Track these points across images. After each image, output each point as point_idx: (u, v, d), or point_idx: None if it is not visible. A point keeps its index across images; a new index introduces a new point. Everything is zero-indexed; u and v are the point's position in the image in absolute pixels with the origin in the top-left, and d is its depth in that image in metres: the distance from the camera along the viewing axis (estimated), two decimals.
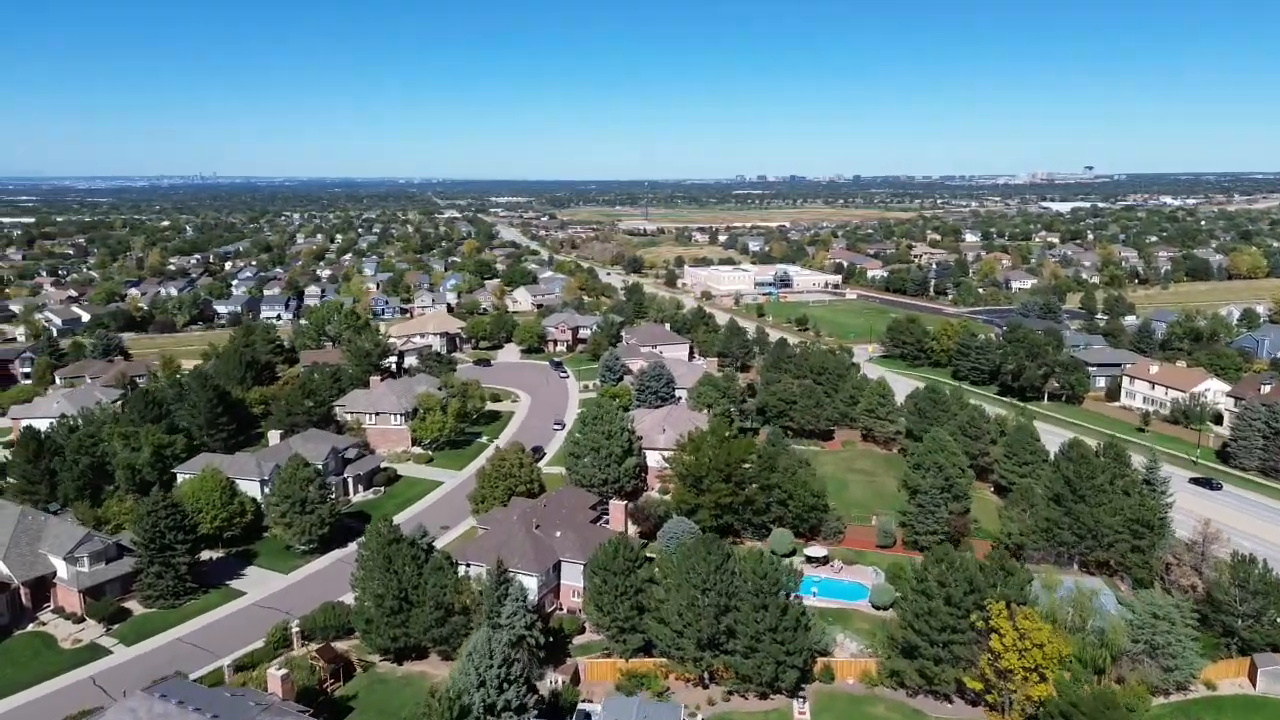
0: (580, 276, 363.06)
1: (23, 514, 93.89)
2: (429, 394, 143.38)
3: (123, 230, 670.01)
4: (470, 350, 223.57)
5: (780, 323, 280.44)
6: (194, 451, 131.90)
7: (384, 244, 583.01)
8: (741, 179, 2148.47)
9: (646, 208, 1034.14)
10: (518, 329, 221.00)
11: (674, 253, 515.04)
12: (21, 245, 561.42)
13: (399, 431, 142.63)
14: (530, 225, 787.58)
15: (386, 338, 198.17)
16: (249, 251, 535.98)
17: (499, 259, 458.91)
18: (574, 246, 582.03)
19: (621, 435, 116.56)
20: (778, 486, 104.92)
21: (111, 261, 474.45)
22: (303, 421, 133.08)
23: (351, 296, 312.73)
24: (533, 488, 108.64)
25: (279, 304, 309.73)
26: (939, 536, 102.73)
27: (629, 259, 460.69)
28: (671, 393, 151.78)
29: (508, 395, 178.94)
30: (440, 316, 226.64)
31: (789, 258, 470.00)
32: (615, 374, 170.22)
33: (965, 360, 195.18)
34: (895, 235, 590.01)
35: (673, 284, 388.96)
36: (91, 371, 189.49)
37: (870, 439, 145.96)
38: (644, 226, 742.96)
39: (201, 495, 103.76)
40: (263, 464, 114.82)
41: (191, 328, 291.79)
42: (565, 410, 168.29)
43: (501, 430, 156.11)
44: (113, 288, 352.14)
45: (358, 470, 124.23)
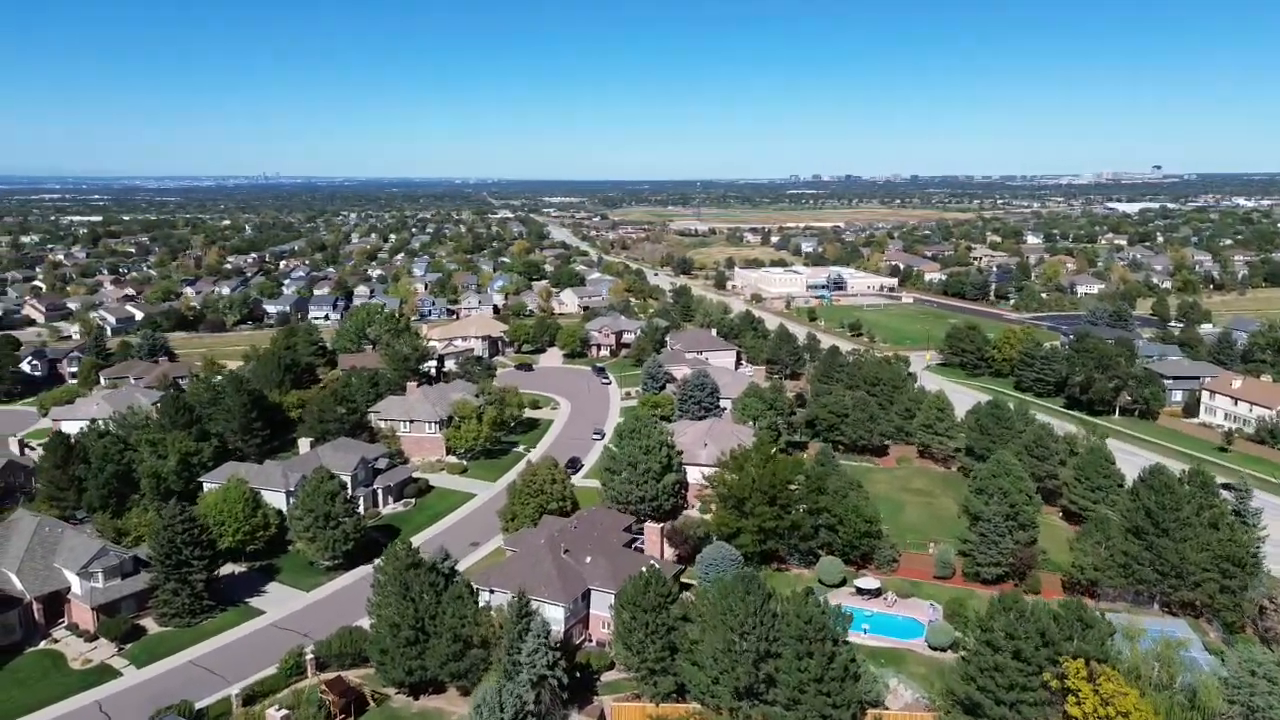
0: (628, 278, 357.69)
1: (40, 525, 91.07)
2: (465, 401, 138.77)
3: (184, 229, 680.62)
4: (512, 354, 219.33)
5: (832, 327, 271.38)
6: (223, 459, 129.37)
7: (436, 244, 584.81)
8: (796, 178, 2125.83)
9: (698, 208, 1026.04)
10: (560, 333, 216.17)
11: (725, 254, 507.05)
12: (86, 243, 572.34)
13: (433, 440, 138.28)
14: (581, 225, 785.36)
15: (426, 341, 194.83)
16: (303, 251, 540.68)
17: (548, 260, 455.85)
18: (624, 247, 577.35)
19: (660, 450, 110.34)
20: (827, 510, 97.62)
21: (171, 260, 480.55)
22: (335, 429, 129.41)
23: (399, 297, 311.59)
24: (565, 505, 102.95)
25: (327, 304, 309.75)
26: (1002, 569, 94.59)
27: (678, 260, 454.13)
28: (715, 403, 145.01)
29: (547, 402, 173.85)
30: (482, 319, 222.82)
31: (843, 259, 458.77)
32: (657, 382, 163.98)
33: (1029, 370, 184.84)
34: (953, 237, 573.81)
35: (722, 286, 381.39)
36: (135, 372, 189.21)
37: (927, 456, 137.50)
38: (695, 227, 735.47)
39: (224, 507, 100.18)
40: (289, 474, 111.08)
41: (241, 327, 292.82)
42: (605, 419, 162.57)
43: (539, 439, 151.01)
44: (169, 286, 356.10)
45: (388, 481, 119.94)
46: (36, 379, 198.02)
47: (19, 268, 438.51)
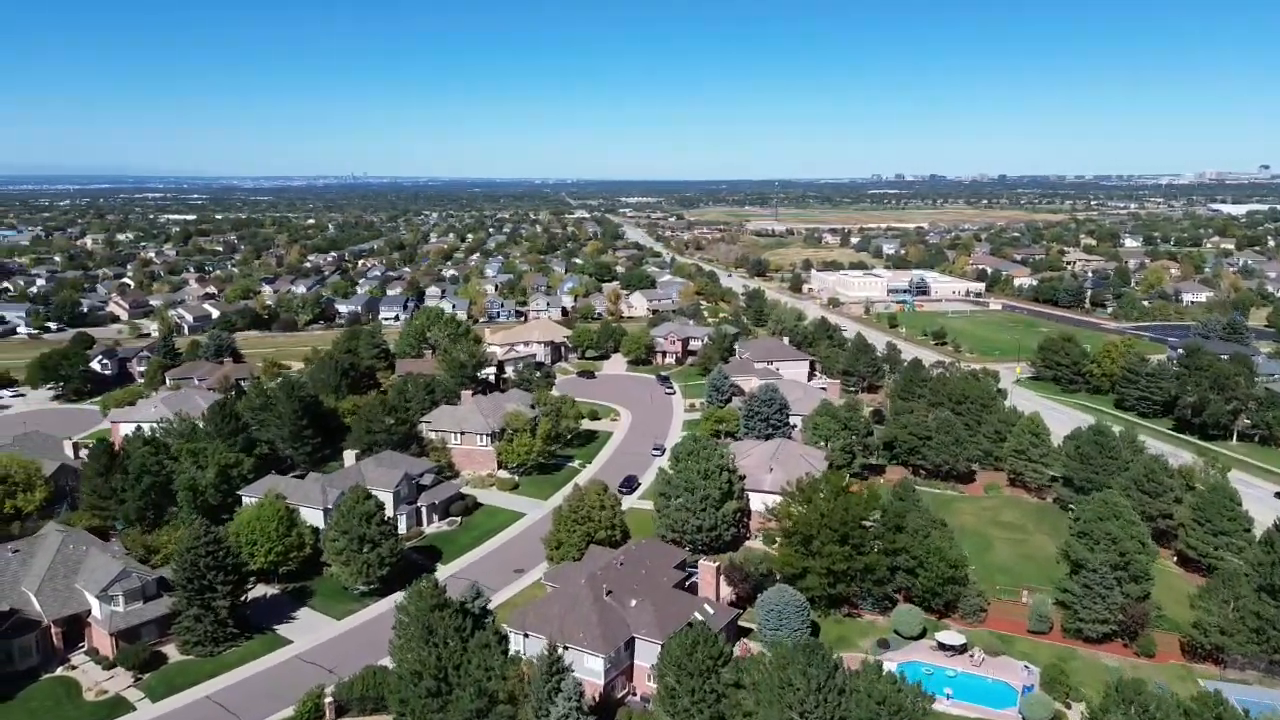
0: (699, 281, 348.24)
1: (64, 542, 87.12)
2: (517, 413, 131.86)
3: (271, 228, 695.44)
4: (575, 360, 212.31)
5: (914, 335, 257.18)
6: (274, 467, 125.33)
7: (511, 244, 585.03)
8: (878, 178, 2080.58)
9: (776, 208, 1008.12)
10: (625, 339, 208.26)
11: (802, 255, 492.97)
12: (178, 242, 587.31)
13: (484, 453, 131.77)
14: (656, 226, 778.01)
15: (486, 347, 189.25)
16: (381, 250, 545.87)
17: (620, 261, 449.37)
18: (699, 248, 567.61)
19: (721, 475, 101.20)
20: (905, 551, 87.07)
21: (255, 258, 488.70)
22: (383, 441, 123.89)
23: (467, 299, 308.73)
24: (614, 534, 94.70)
25: (397, 304, 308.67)
26: (1110, 626, 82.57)
27: (753, 261, 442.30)
28: (784, 420, 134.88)
29: (607, 412, 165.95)
30: (545, 324, 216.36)
31: (926, 262, 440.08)
32: (723, 394, 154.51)
33: (1133, 388, 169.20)
34: (1044, 239, 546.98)
35: (798, 289, 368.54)
36: (199, 373, 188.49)
37: (1019, 484, 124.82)
38: (772, 227, 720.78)
39: (257, 526, 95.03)
40: (328, 490, 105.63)
41: (313, 327, 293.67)
42: (667, 433, 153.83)
43: (596, 453, 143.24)
44: (248, 285, 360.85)
45: (433, 498, 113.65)
46: (106, 378, 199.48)
47: (111, 265, 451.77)
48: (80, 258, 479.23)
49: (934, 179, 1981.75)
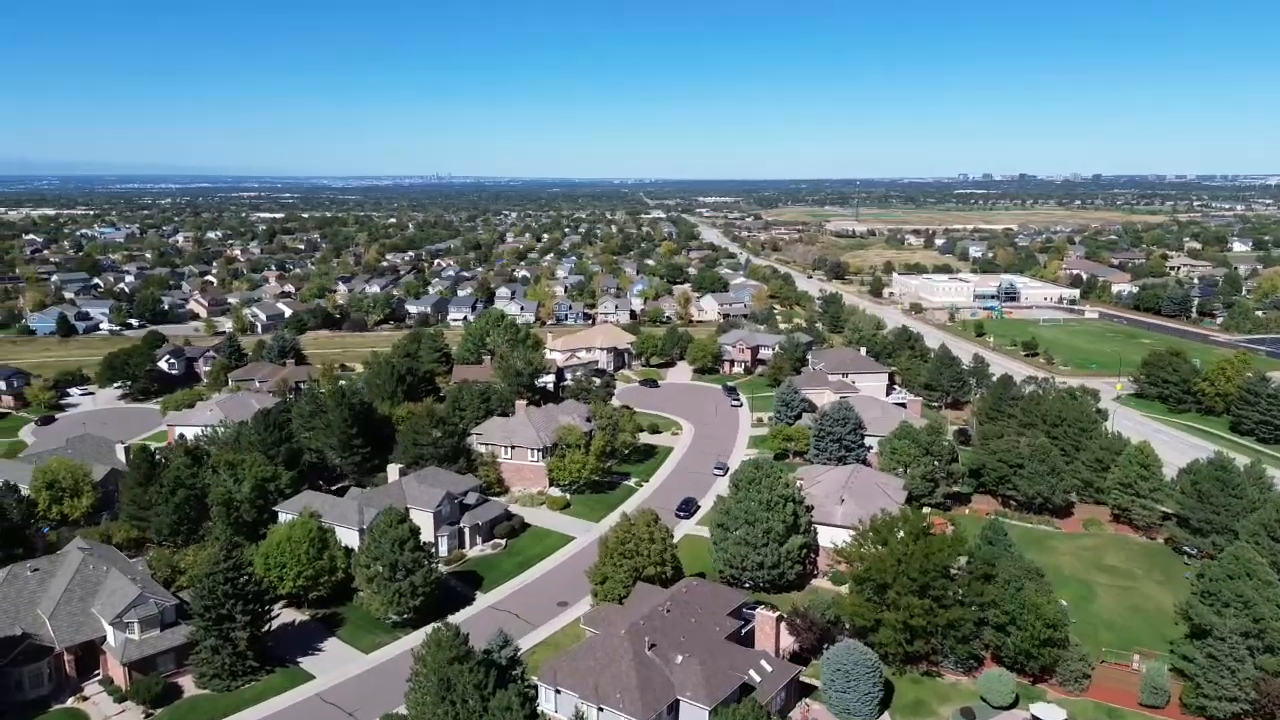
0: (774, 283, 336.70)
1: (84, 562, 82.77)
2: (571, 427, 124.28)
3: (352, 227, 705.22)
4: (638, 368, 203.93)
5: (1003, 345, 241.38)
6: (311, 482, 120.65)
7: (586, 244, 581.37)
8: (964, 177, 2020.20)
9: (857, 208, 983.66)
10: (691, 346, 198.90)
11: (883, 257, 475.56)
12: (264, 240, 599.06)
13: (535, 469, 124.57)
14: (733, 226, 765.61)
15: (548, 352, 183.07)
16: (457, 250, 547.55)
17: (693, 262, 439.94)
18: (775, 249, 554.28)
19: (785, 506, 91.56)
20: (996, 605, 76.10)
21: (334, 257, 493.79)
22: (429, 454, 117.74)
23: (536, 300, 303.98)
24: (664, 571, 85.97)
25: (466, 306, 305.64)
26: (1241, 705, 70.26)
27: (831, 264, 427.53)
28: (859, 442, 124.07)
29: (669, 425, 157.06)
30: (609, 329, 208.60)
31: (1016, 266, 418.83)
32: (792, 410, 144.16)
33: (1252, 410, 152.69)
34: (1144, 243, 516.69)
35: (878, 293, 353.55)
36: (261, 375, 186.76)
37: (1124, 521, 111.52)
38: (852, 228, 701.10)
39: (287, 547, 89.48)
40: (365, 510, 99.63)
41: (382, 327, 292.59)
42: (731, 449, 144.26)
43: (654, 470, 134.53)
44: (323, 283, 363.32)
45: (477, 519, 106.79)
46: (174, 377, 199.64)
47: (198, 262, 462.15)
48: (170, 255, 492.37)
49: (1023, 179, 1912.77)
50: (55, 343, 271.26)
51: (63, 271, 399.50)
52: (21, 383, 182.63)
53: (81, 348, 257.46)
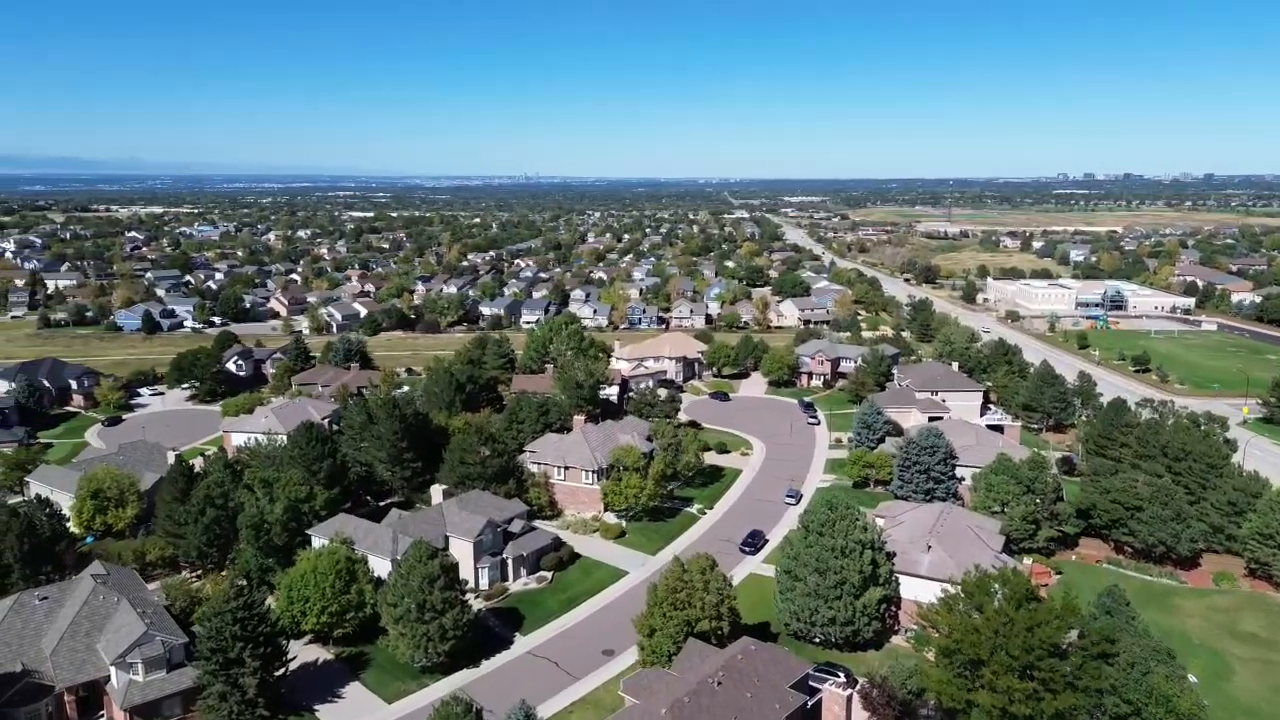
0: (859, 288, 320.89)
1: (94, 592, 77.21)
2: (628, 448, 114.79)
3: (437, 226, 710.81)
4: (709, 379, 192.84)
5: (1110, 359, 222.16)
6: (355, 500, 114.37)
7: (666, 245, 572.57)
8: (1064, 177, 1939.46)
9: (949, 208, 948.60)
10: (766, 357, 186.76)
11: (976, 260, 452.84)
12: (351, 239, 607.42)
13: (589, 492, 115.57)
14: (818, 226, 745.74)
15: (613, 360, 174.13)
16: (537, 250, 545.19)
17: (774, 264, 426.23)
18: (862, 250, 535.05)
19: (862, 554, 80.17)
20: (1115, 692, 63.48)
21: (417, 256, 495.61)
22: (476, 474, 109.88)
23: (609, 304, 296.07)
24: (720, 626, 75.65)
25: (539, 308, 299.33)
26: None
27: (921, 267, 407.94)
28: (949, 473, 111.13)
29: (738, 444, 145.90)
30: (679, 337, 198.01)
31: (1122, 272, 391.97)
32: (874, 433, 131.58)
33: None
34: (1264, 247, 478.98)
35: (971, 299, 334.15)
36: (324, 379, 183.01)
37: (1262, 576, 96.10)
38: (944, 229, 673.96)
39: (312, 579, 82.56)
40: (399, 538, 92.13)
41: (455, 329, 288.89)
42: (806, 474, 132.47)
43: (719, 496, 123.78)
44: (402, 283, 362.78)
45: (521, 549, 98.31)
46: (241, 379, 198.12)
47: (285, 261, 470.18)
48: (259, 253, 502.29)
49: (1128, 178, 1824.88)
50: (140, 340, 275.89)
51: (157, 269, 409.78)
52: (92, 382, 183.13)
53: (164, 345, 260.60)
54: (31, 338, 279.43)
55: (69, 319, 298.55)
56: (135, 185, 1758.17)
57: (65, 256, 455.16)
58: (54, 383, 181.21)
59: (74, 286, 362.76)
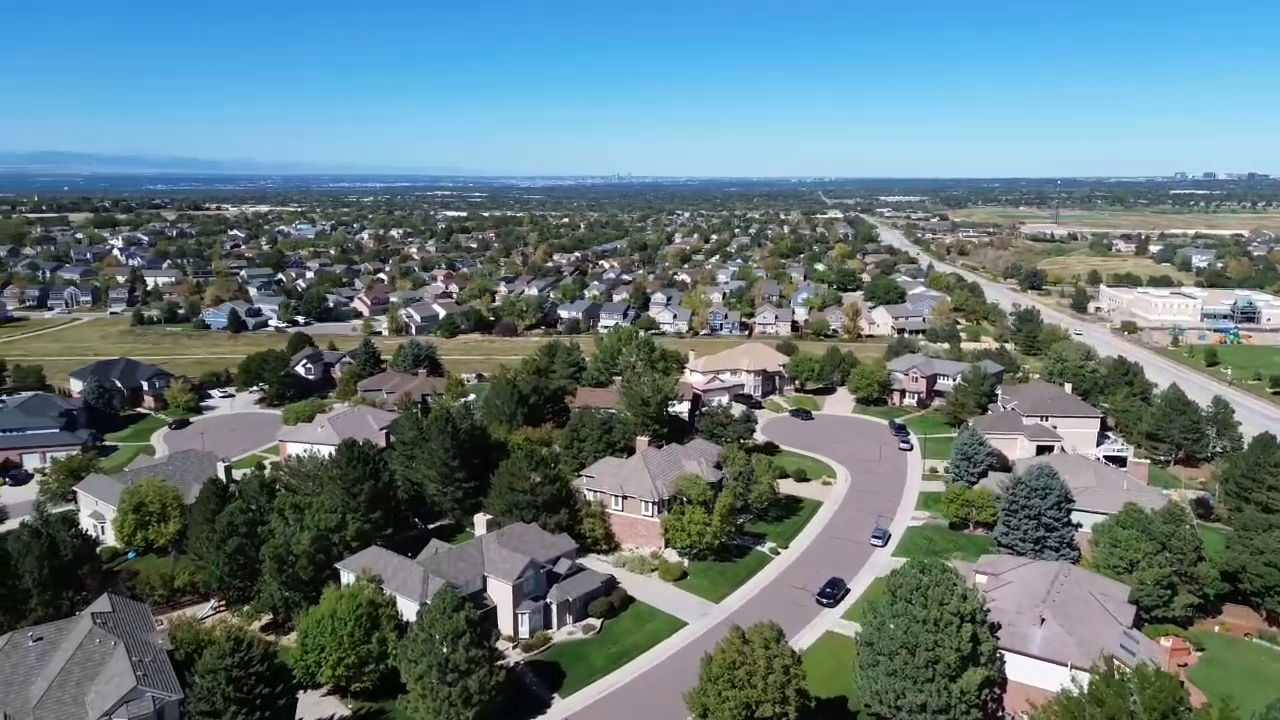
0: (958, 294, 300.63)
1: (90, 635, 70.17)
2: (693, 478, 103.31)
3: (526, 226, 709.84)
4: (790, 394, 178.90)
5: (1244, 379, 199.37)
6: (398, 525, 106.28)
7: (755, 246, 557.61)
8: (1182, 176, 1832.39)
9: (1056, 209, 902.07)
10: (855, 372, 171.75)
11: (1086, 265, 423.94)
12: (441, 238, 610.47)
13: (649, 525, 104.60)
14: (915, 227, 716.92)
15: (686, 374, 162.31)
16: (623, 251, 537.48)
17: (867, 268, 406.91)
18: (962, 253, 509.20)
19: (959, 629, 66.88)
20: None
21: (504, 256, 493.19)
22: (525, 503, 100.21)
23: (689, 308, 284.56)
24: (785, 712, 63.60)
25: (618, 312, 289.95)
26: None
27: (1026, 272, 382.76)
28: (1063, 520, 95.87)
29: (820, 471, 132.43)
30: (758, 348, 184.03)
31: (1252, 280, 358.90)
32: (975, 465, 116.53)
33: None
34: None
35: (1082, 308, 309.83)
36: (389, 385, 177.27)
37: None
38: (1051, 231, 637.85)
39: (329, 625, 74.13)
40: (430, 580, 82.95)
41: (532, 333, 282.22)
42: (896, 509, 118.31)
43: (795, 533, 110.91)
44: (485, 284, 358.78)
45: (568, 593, 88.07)
46: (310, 383, 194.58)
47: (375, 260, 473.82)
48: (351, 252, 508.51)
49: (1253, 178, 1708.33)
50: (225, 338, 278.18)
51: (251, 267, 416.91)
52: (163, 383, 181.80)
53: (247, 344, 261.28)
54: (124, 334, 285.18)
55: (161, 316, 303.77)
56: (248, 185, 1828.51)
57: (167, 254, 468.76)
58: (126, 383, 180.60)
59: (171, 284, 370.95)
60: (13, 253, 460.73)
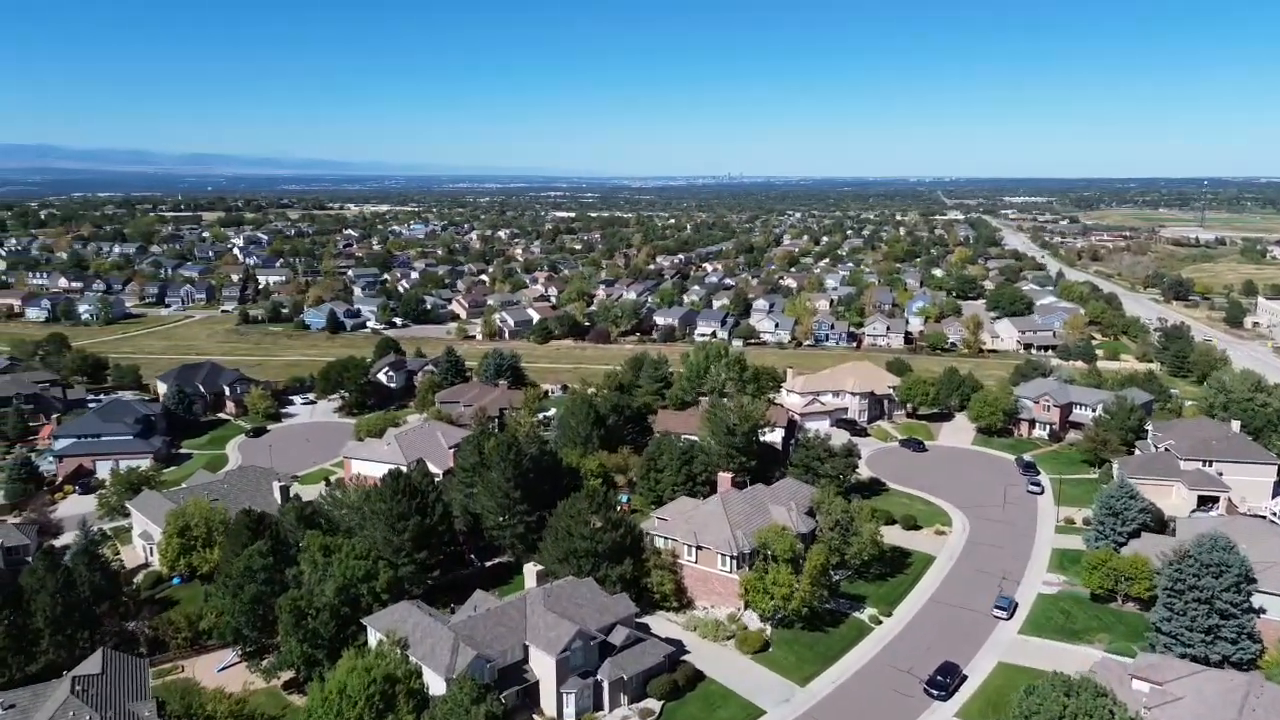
0: (1093, 307, 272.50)
1: (64, 708, 61.00)
2: (780, 531, 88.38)
3: (632, 228, 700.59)
4: (900, 420, 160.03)
5: None
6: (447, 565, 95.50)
7: (868, 249, 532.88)
8: None
9: (1203, 211, 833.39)
10: (976, 398, 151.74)
11: (1238, 274, 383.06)
12: (547, 240, 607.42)
13: (725, 582, 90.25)
14: (1042, 230, 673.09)
15: (783, 394, 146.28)
16: (727, 253, 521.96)
17: (990, 274, 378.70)
18: (1095, 258, 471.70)
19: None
20: None
21: (607, 258, 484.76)
22: (583, 551, 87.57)
23: (793, 317, 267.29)
24: None
25: (715, 320, 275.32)
26: None
27: (1169, 281, 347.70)
28: (1243, 605, 76.49)
29: (933, 518, 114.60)
30: (865, 368, 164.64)
31: None
32: (1124, 524, 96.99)
33: None
34: None
35: (1237, 323, 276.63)
36: (467, 398, 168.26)
37: None
38: (1196, 235, 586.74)
39: (337, 703, 63.29)
40: (462, 649, 70.96)
41: (626, 339, 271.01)
42: (1024, 570, 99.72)
43: (902, 595, 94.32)
44: (584, 287, 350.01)
45: (622, 669, 74.73)
46: (391, 391, 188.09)
47: (479, 261, 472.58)
48: (457, 253, 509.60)
49: None
50: (323, 339, 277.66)
51: (359, 267, 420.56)
52: (244, 388, 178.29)
53: (343, 346, 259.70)
54: (229, 333, 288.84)
55: (265, 316, 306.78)
56: (373, 185, 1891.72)
57: (281, 253, 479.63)
58: (209, 388, 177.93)
59: (281, 283, 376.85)
60: (141, 250, 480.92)
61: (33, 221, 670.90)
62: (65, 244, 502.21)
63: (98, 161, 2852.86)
